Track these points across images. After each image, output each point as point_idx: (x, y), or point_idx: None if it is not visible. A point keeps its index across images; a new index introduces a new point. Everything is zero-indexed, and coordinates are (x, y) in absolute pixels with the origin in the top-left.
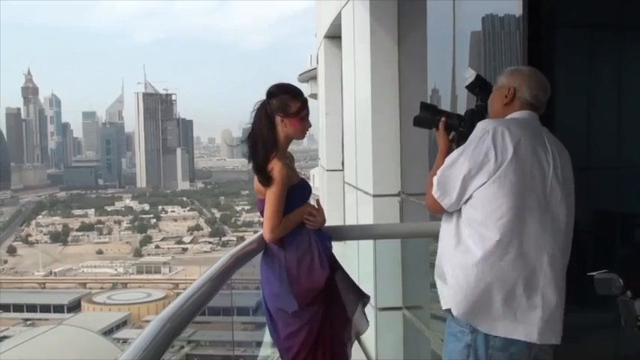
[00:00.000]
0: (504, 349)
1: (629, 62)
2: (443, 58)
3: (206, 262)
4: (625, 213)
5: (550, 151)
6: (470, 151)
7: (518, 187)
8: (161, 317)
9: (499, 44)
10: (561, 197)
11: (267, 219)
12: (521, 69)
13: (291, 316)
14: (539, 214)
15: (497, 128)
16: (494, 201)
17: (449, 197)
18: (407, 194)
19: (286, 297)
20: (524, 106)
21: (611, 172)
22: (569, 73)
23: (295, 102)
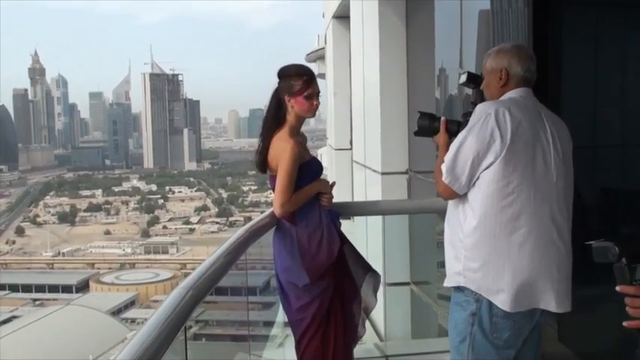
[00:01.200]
0: (508, 317)
1: (635, 41)
2: (450, 37)
3: (213, 242)
4: (629, 189)
5: (548, 129)
6: (475, 134)
7: (522, 165)
8: (184, 285)
9: (507, 22)
10: (562, 172)
11: (277, 194)
12: (504, 47)
13: (302, 289)
14: (544, 189)
15: (498, 110)
16: (501, 180)
17: (459, 181)
18: (414, 172)
19: (298, 271)
20: (520, 82)
21: (616, 150)
22: (576, 52)
23: (298, 81)
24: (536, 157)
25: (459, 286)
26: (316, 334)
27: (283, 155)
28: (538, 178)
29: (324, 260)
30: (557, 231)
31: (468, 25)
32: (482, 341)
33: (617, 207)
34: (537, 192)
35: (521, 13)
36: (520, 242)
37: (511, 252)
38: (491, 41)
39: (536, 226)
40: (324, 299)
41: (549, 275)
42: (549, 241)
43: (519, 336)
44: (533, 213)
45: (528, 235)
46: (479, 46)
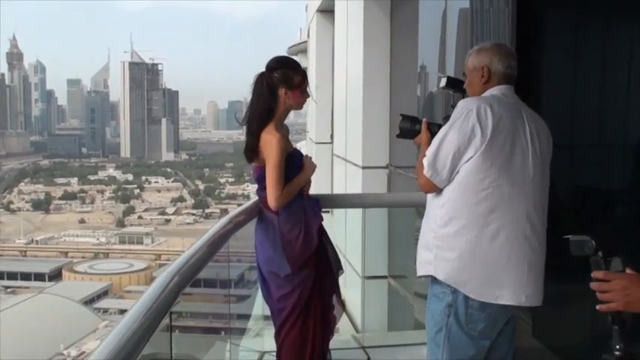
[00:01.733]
0: (483, 309)
1: (614, 41)
2: (433, 33)
3: (189, 233)
4: (605, 189)
5: (528, 126)
6: (457, 129)
7: (500, 161)
8: (170, 270)
9: (487, 22)
10: (539, 169)
11: (270, 189)
12: (485, 46)
13: (283, 279)
14: (520, 185)
15: (480, 106)
16: (478, 174)
17: (440, 175)
18: (395, 167)
19: (279, 261)
20: (502, 79)
21: (594, 150)
22: (556, 52)
23: (297, 74)
24: (514, 153)
25: (436, 279)
26: (296, 323)
27: (270, 149)
28: (515, 174)
29: (305, 250)
30: (531, 227)
31: (451, 23)
32: (457, 332)
33: (593, 206)
34: (513, 188)
35: (502, 12)
36: (492, 235)
37: (482, 245)
38: (469, 40)
39: (509, 221)
40: (304, 289)
41: (520, 270)
42: (522, 236)
43: (494, 327)
44: (508, 208)
45: (500, 229)
46: (458, 44)
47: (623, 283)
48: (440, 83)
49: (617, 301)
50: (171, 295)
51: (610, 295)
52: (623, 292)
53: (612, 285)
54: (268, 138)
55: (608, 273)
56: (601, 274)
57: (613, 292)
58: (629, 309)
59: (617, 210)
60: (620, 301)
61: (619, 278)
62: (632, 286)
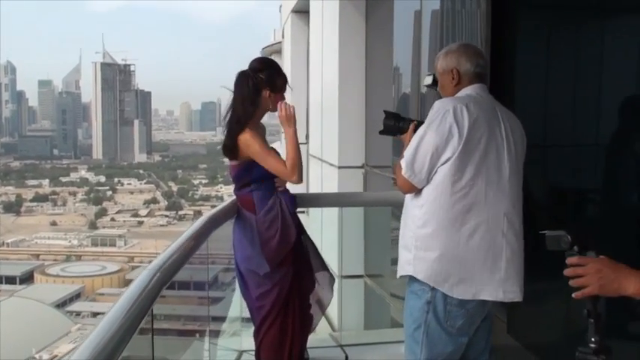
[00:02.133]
0: (461, 306)
1: (586, 42)
2: (408, 34)
3: (162, 235)
4: (578, 188)
5: (503, 125)
6: (434, 129)
7: (477, 159)
8: (152, 267)
9: (459, 23)
10: (514, 168)
11: (280, 172)
12: (452, 48)
13: (262, 277)
14: (496, 184)
15: (456, 106)
16: (455, 173)
17: (418, 175)
18: (371, 166)
19: (258, 259)
20: (473, 79)
21: (566, 150)
22: (529, 53)
23: (280, 77)
24: (490, 152)
25: (414, 276)
26: (275, 321)
27: (252, 146)
28: (491, 173)
29: (283, 247)
30: (508, 224)
31: (425, 24)
32: (436, 328)
33: (566, 205)
34: (490, 186)
35: (475, 13)
36: (469, 234)
37: (460, 243)
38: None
39: (486, 220)
40: (283, 286)
41: (496, 267)
42: (499, 234)
43: (472, 324)
44: (484, 207)
45: (477, 227)
46: (432, 45)
47: (596, 266)
48: (424, 81)
49: (592, 284)
50: (153, 293)
51: (584, 279)
52: (597, 275)
53: (586, 269)
54: (244, 138)
55: (581, 258)
56: (575, 259)
57: (587, 275)
58: (603, 292)
59: (588, 209)
60: (594, 284)
61: (593, 262)
62: (605, 269)
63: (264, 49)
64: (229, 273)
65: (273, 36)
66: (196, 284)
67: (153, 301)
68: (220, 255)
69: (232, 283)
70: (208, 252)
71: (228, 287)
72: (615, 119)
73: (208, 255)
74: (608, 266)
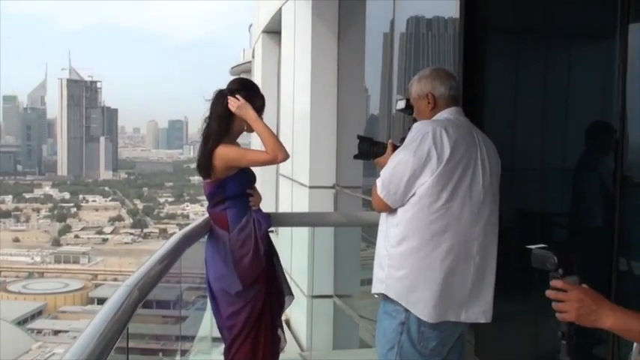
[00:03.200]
0: (435, 327)
1: (553, 67)
2: (379, 57)
3: (127, 253)
4: (546, 212)
5: (479, 148)
6: (412, 152)
7: (453, 183)
8: (128, 283)
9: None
10: (489, 192)
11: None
12: (424, 73)
13: (234, 295)
14: (471, 206)
15: (435, 129)
16: (431, 195)
17: (394, 196)
18: (341, 187)
19: (231, 278)
20: (449, 102)
21: (534, 173)
22: (498, 76)
23: (258, 99)
24: (467, 175)
25: (388, 296)
26: (247, 339)
27: (229, 154)
28: (467, 195)
29: (256, 265)
30: (478, 247)
31: (395, 47)
32: (409, 350)
33: (534, 228)
34: (465, 208)
35: (443, 37)
36: (442, 257)
37: (432, 266)
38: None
39: (459, 242)
40: (255, 305)
41: (464, 289)
42: (469, 256)
43: (445, 345)
44: (458, 230)
45: (450, 250)
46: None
47: (578, 295)
48: (397, 105)
49: (570, 313)
50: (130, 311)
51: (564, 305)
52: (577, 305)
53: (568, 296)
54: (220, 152)
55: (566, 283)
56: (559, 283)
57: (568, 302)
58: (580, 322)
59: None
60: (572, 313)
61: (576, 290)
62: (586, 299)
63: (234, 69)
64: (192, 291)
65: (242, 55)
66: (159, 303)
67: (129, 319)
68: (185, 274)
69: (196, 301)
70: (181, 270)
71: (192, 306)
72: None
73: (181, 273)
74: (590, 297)
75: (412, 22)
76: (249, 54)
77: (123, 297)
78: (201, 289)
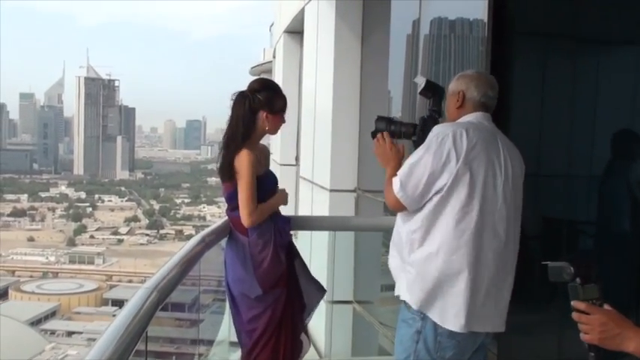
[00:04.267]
0: (452, 337)
1: (582, 73)
2: (403, 59)
3: (142, 254)
4: (572, 220)
5: (502, 154)
6: (432, 153)
7: (472, 187)
8: (148, 286)
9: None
10: (510, 198)
11: (243, 205)
12: (467, 73)
13: (254, 299)
14: (491, 213)
15: (455, 131)
16: (449, 199)
17: (411, 197)
18: (363, 190)
19: (250, 282)
20: (477, 107)
21: (560, 180)
22: (525, 80)
23: (280, 99)
24: (486, 181)
25: (406, 303)
26: (268, 343)
27: (241, 167)
28: (486, 202)
29: (276, 269)
30: (499, 254)
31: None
32: (426, 359)
33: (559, 236)
34: (483, 215)
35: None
36: (460, 264)
37: (450, 273)
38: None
39: (478, 248)
40: (275, 309)
41: (483, 297)
42: (489, 263)
43: (463, 355)
44: (478, 235)
45: (469, 256)
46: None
47: (602, 319)
48: (418, 87)
49: (593, 336)
50: (149, 314)
51: (587, 327)
52: (600, 328)
53: (591, 319)
54: (240, 158)
55: (589, 306)
56: (582, 305)
57: (590, 325)
58: (603, 345)
59: (580, 240)
60: (595, 336)
61: (599, 313)
62: (610, 322)
63: (254, 69)
64: (209, 295)
65: (262, 55)
66: (174, 305)
67: (148, 322)
68: (203, 276)
69: (212, 305)
70: (200, 273)
71: (208, 309)
72: (610, 150)
73: (200, 276)
74: (613, 320)
75: (436, 23)
76: (270, 54)
77: (143, 299)
78: (219, 292)
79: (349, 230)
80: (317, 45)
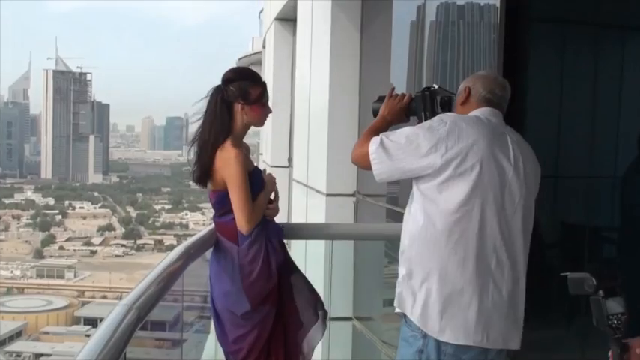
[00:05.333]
0: (456, 355)
1: (604, 63)
2: (407, 49)
3: (118, 267)
4: (594, 226)
5: (512, 152)
6: (425, 128)
7: (470, 187)
8: (126, 302)
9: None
10: (519, 201)
11: (239, 211)
12: (478, 72)
13: (241, 317)
14: (493, 216)
15: (456, 121)
16: (447, 201)
17: (386, 166)
18: (363, 195)
19: (238, 296)
20: (482, 102)
21: (580, 182)
22: (542, 72)
23: (256, 88)
24: (490, 181)
25: (406, 319)
26: None
27: (230, 168)
28: (490, 205)
29: (266, 282)
30: (508, 264)
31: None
32: None
33: (580, 244)
34: (486, 219)
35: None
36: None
37: (453, 284)
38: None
39: (482, 256)
40: (264, 327)
41: (491, 310)
42: (496, 273)
43: None
44: (483, 242)
45: (472, 264)
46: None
47: None
48: None
49: None
50: (127, 333)
51: None
52: None
53: None
54: (226, 156)
55: None
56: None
57: None
58: None
59: (604, 248)
60: None
61: None
62: None
63: (241, 60)
64: (192, 312)
65: (251, 45)
66: (154, 324)
67: (127, 343)
68: (185, 291)
69: (195, 323)
70: (183, 288)
71: (191, 328)
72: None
73: (183, 291)
74: None
75: (443, 9)
76: (260, 43)
77: (120, 317)
78: (203, 309)
79: (348, 239)
80: (311, 34)
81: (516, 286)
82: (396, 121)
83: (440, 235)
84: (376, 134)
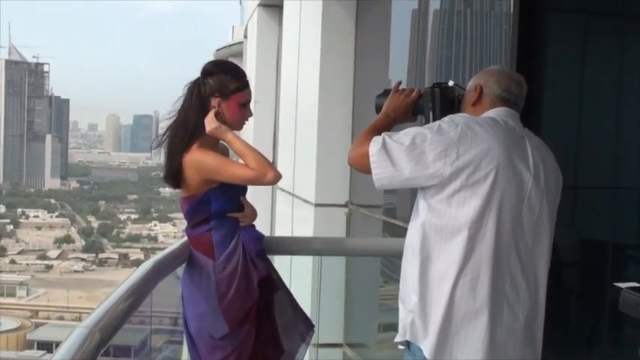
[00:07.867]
0: None
1: (630, 57)
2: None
3: (77, 284)
4: (619, 243)
5: (532, 159)
6: (434, 130)
7: (485, 201)
8: (86, 324)
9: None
10: (539, 215)
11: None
12: (489, 68)
13: (217, 340)
14: (509, 233)
15: (469, 123)
16: (457, 216)
17: (389, 171)
18: (356, 205)
19: (214, 318)
20: (496, 102)
21: (604, 193)
22: (560, 68)
23: (234, 82)
24: (506, 190)
25: (409, 347)
26: None
27: (203, 160)
28: (505, 215)
29: (246, 299)
30: (511, 280)
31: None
32: None
33: (603, 262)
34: (503, 230)
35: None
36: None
37: (466, 306)
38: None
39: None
40: (243, 350)
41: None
42: (512, 292)
43: None
44: (498, 258)
45: (486, 282)
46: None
47: None
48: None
49: None
50: (89, 359)
51: None
52: None
53: None
54: (191, 158)
55: None
56: None
57: None
58: None
59: (629, 268)
60: None
61: None
62: None
63: (219, 51)
64: (161, 336)
65: (231, 34)
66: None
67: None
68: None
69: (165, 349)
70: (152, 309)
71: (159, 354)
72: None
73: (151, 312)
74: None
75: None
76: (241, 33)
77: (81, 341)
78: (174, 333)
79: (339, 255)
80: (299, 22)
81: (534, 310)
82: (401, 119)
83: (449, 251)
84: (378, 133)
